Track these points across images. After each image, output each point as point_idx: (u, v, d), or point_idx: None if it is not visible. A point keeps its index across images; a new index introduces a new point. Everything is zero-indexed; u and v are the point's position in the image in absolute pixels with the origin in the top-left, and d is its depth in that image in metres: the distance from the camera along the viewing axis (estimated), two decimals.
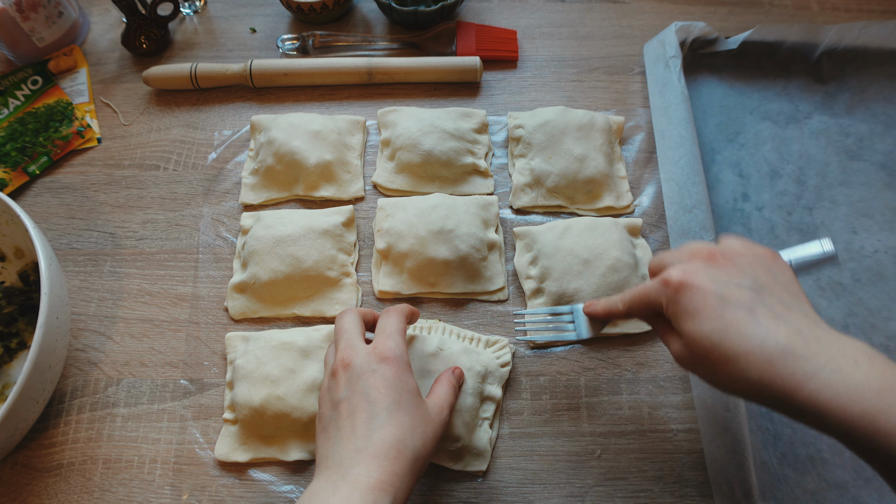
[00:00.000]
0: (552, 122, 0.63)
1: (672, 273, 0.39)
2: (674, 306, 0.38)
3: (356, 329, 0.45)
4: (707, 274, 0.38)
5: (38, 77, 0.72)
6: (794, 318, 0.35)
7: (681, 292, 0.38)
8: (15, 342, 0.57)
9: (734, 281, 0.37)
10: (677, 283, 0.38)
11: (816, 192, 0.63)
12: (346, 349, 0.43)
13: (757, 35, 0.67)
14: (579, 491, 0.50)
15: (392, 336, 0.44)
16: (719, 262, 0.39)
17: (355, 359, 0.42)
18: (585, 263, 0.55)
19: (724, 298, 0.36)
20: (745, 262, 0.39)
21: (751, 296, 0.36)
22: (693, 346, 0.37)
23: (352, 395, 0.41)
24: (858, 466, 0.51)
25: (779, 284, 0.38)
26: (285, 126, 0.64)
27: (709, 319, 0.36)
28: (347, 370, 0.42)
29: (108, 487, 0.51)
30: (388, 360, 0.42)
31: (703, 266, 0.39)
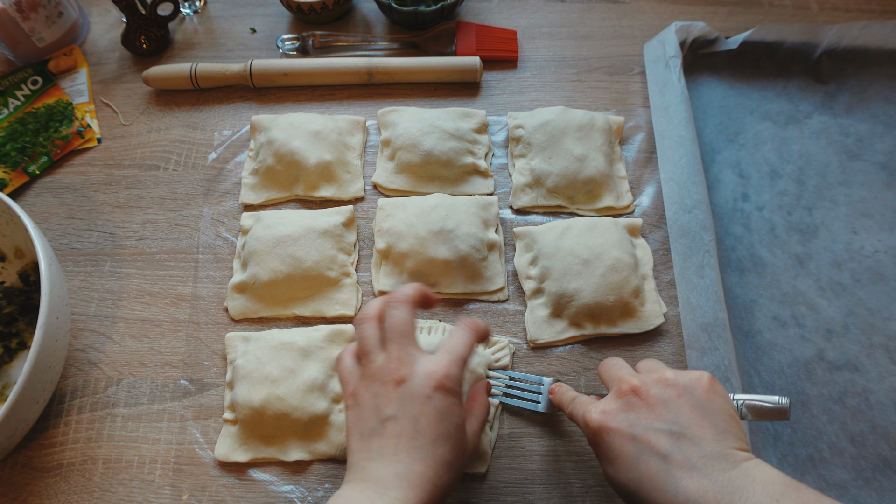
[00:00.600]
0: (552, 122, 0.63)
1: (592, 415, 0.40)
2: (594, 447, 0.40)
3: (411, 331, 0.42)
4: (625, 416, 0.39)
5: (38, 77, 0.72)
6: (709, 466, 0.35)
7: (598, 436, 0.39)
8: (15, 342, 0.57)
9: (653, 425, 0.37)
10: (595, 427, 0.39)
11: (816, 192, 0.63)
12: (401, 360, 0.40)
13: (757, 35, 0.67)
14: (579, 491, 0.50)
15: (456, 363, 0.41)
16: (642, 398, 0.39)
17: (413, 378, 0.40)
18: (585, 263, 0.55)
19: (639, 445, 0.37)
20: (671, 396, 0.38)
21: (668, 442, 0.36)
22: (614, 487, 0.39)
23: (401, 417, 0.39)
24: (858, 466, 0.51)
25: (705, 421, 0.37)
26: (285, 126, 0.64)
27: (624, 468, 0.37)
28: (401, 386, 0.40)
29: (108, 487, 0.51)
30: (444, 391, 0.40)
31: (623, 406, 0.39)
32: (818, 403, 0.53)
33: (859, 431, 0.52)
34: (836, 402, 0.53)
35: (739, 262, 0.60)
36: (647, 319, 0.56)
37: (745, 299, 0.58)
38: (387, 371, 0.40)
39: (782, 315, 0.57)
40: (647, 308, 0.56)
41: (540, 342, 0.55)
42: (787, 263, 0.60)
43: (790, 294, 0.58)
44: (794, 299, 0.58)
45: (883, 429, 0.52)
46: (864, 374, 0.54)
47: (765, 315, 0.57)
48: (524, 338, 0.56)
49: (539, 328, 0.56)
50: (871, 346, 0.55)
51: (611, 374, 0.43)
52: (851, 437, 0.52)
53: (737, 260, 0.60)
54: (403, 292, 0.44)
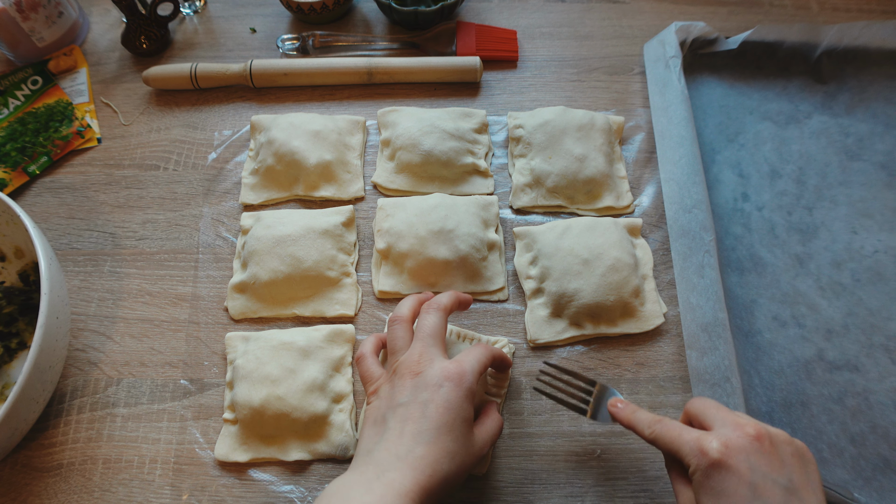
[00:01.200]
0: (552, 122, 0.63)
1: (713, 445, 0.37)
2: (702, 477, 0.37)
3: (440, 335, 0.46)
4: (748, 459, 0.37)
5: (38, 77, 0.72)
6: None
7: (715, 469, 0.36)
8: (15, 342, 0.57)
9: (772, 476, 0.36)
10: (715, 459, 0.37)
11: (816, 192, 0.63)
12: (423, 356, 0.43)
13: (757, 35, 0.67)
14: (579, 491, 0.50)
15: (471, 363, 0.44)
16: (764, 446, 0.37)
17: (428, 370, 0.42)
18: (585, 263, 0.55)
19: (756, 493, 0.35)
20: (787, 454, 0.37)
21: (783, 497, 0.35)
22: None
23: (411, 402, 0.41)
24: (858, 466, 0.51)
25: (810, 488, 0.36)
26: (285, 126, 0.64)
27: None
28: (416, 378, 0.42)
29: (108, 487, 0.51)
30: (455, 382, 0.42)
31: (747, 447, 0.37)
32: (818, 403, 0.53)
33: (859, 431, 0.52)
34: (836, 402, 0.53)
35: (739, 262, 0.60)
36: (648, 319, 0.56)
37: (745, 299, 0.58)
38: (407, 365, 0.43)
39: (782, 315, 0.57)
40: (647, 308, 0.56)
41: (540, 342, 0.55)
42: (787, 263, 0.60)
43: (790, 294, 0.58)
44: (794, 299, 0.58)
45: (883, 429, 0.52)
46: (864, 374, 0.54)
47: (765, 315, 0.57)
48: (524, 338, 0.56)
49: (539, 328, 0.56)
50: (871, 346, 0.55)
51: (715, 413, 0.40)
52: (851, 437, 0.52)
53: (737, 260, 0.60)
54: (440, 301, 0.47)
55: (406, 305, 0.47)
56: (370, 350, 0.48)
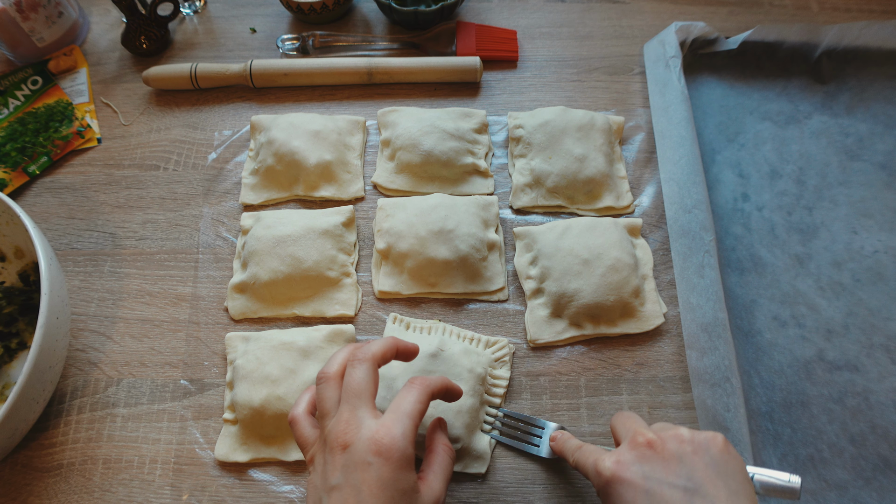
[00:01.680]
0: (552, 123, 0.63)
1: (606, 464, 0.39)
2: (604, 498, 0.39)
3: (367, 392, 0.40)
4: (640, 468, 0.37)
5: (38, 77, 0.72)
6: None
7: (610, 486, 0.38)
8: (15, 342, 0.57)
9: (667, 479, 0.36)
10: (608, 477, 0.38)
11: (816, 192, 0.63)
12: (349, 423, 0.38)
13: (757, 35, 0.67)
14: (579, 491, 0.50)
15: (401, 419, 0.38)
16: (657, 451, 0.38)
17: (356, 442, 0.37)
18: (585, 263, 0.55)
19: (653, 499, 0.36)
20: (686, 452, 0.38)
21: (682, 498, 0.36)
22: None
23: (344, 485, 0.37)
24: (858, 467, 0.51)
25: (719, 480, 0.36)
26: (285, 126, 0.64)
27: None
28: (345, 452, 0.37)
29: (108, 487, 0.51)
30: (384, 456, 0.37)
31: (638, 458, 0.38)
32: (818, 403, 0.53)
33: (859, 431, 0.52)
34: (836, 402, 0.53)
35: (739, 262, 0.60)
36: (647, 319, 0.56)
37: (745, 299, 0.58)
38: (335, 435, 0.38)
39: (782, 315, 0.57)
40: (647, 308, 0.56)
41: (540, 342, 0.55)
42: (787, 263, 0.60)
43: (790, 294, 0.58)
44: (794, 299, 0.58)
45: (883, 429, 0.52)
46: (864, 374, 0.54)
47: (765, 315, 0.57)
48: (524, 338, 0.56)
49: (539, 328, 0.56)
50: (871, 346, 0.55)
51: (625, 426, 0.42)
52: (851, 437, 0.52)
53: (737, 260, 0.60)
54: (368, 349, 0.42)
55: (335, 361, 0.42)
56: (302, 412, 0.43)
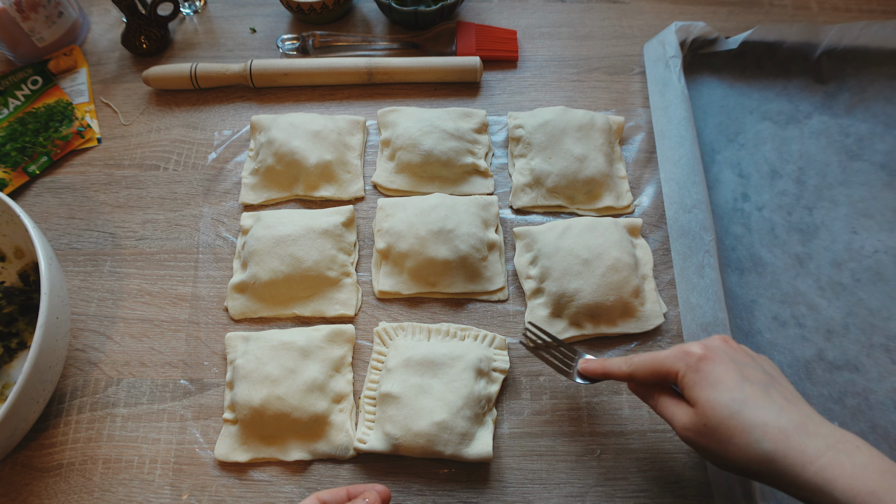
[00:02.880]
0: (552, 122, 0.63)
1: (693, 346, 0.42)
2: (693, 374, 0.40)
3: None
4: (727, 352, 0.41)
5: (38, 77, 0.72)
6: (801, 406, 0.38)
7: (703, 362, 0.40)
8: (15, 342, 0.57)
9: (750, 364, 0.40)
10: (700, 354, 0.41)
11: (816, 192, 0.63)
12: None
13: (757, 35, 0.67)
14: (579, 491, 0.50)
15: None
16: (734, 346, 0.42)
17: None
18: (585, 263, 0.55)
19: (742, 374, 0.39)
20: (755, 355, 0.42)
21: (766, 378, 0.39)
22: (708, 414, 0.38)
23: None
24: None
25: (783, 380, 0.41)
26: (285, 126, 0.64)
27: (729, 390, 0.38)
28: None
29: (108, 487, 0.51)
30: None
31: (723, 345, 0.42)
32: (818, 403, 0.53)
33: (859, 431, 0.52)
34: (836, 402, 0.53)
35: (739, 262, 0.60)
36: (648, 319, 0.55)
37: (745, 299, 0.58)
38: None
39: (782, 315, 0.57)
40: (647, 308, 0.56)
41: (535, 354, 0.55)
42: (787, 263, 0.60)
43: (790, 294, 0.58)
44: (794, 299, 0.58)
45: (883, 429, 0.52)
46: (864, 374, 0.54)
47: (765, 315, 0.57)
48: None
49: None
50: (871, 346, 0.55)
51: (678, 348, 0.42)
52: None
53: (737, 260, 0.60)
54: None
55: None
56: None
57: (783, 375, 0.41)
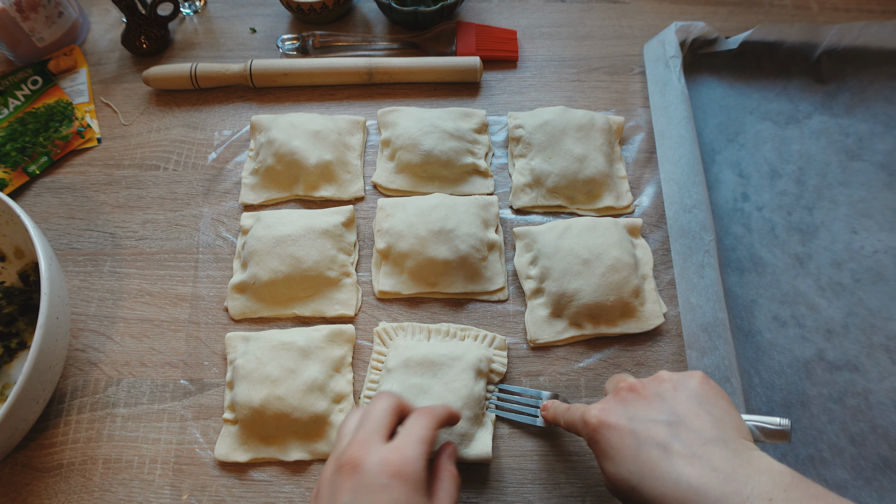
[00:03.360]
0: (552, 122, 0.63)
1: (592, 412, 0.40)
2: (593, 446, 0.40)
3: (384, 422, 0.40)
4: (624, 411, 0.39)
5: (38, 77, 0.72)
6: (710, 454, 0.34)
7: (598, 432, 0.39)
8: (15, 342, 0.57)
9: (651, 416, 0.38)
10: (595, 423, 0.39)
11: (816, 192, 0.63)
12: (361, 444, 0.38)
13: (757, 35, 0.67)
14: (579, 491, 0.50)
15: (414, 444, 0.38)
16: (639, 393, 0.39)
17: (366, 463, 0.37)
18: (585, 263, 0.55)
19: (638, 438, 0.37)
20: (667, 390, 0.39)
21: (667, 432, 0.36)
22: (614, 484, 0.38)
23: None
24: (858, 466, 0.51)
25: (701, 410, 0.37)
26: (285, 126, 0.64)
27: (625, 461, 0.37)
28: (355, 473, 0.37)
29: (108, 487, 0.51)
30: (400, 477, 0.36)
31: (620, 403, 0.40)
32: (818, 403, 0.53)
33: (859, 431, 0.52)
34: (836, 402, 0.53)
35: (739, 262, 0.60)
36: (647, 319, 0.56)
37: (745, 299, 0.58)
38: (346, 457, 0.38)
39: (782, 315, 0.57)
40: (647, 308, 0.56)
41: (540, 342, 0.55)
42: (787, 263, 0.60)
43: (790, 294, 0.58)
44: (794, 299, 0.58)
45: (883, 429, 0.52)
46: (864, 374, 0.54)
47: (765, 315, 0.57)
48: (524, 338, 0.56)
49: (539, 328, 0.56)
50: (871, 346, 0.55)
51: (611, 382, 0.44)
52: (851, 437, 0.52)
53: (737, 260, 0.60)
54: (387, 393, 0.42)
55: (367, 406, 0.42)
56: None
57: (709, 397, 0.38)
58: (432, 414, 0.41)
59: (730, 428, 0.36)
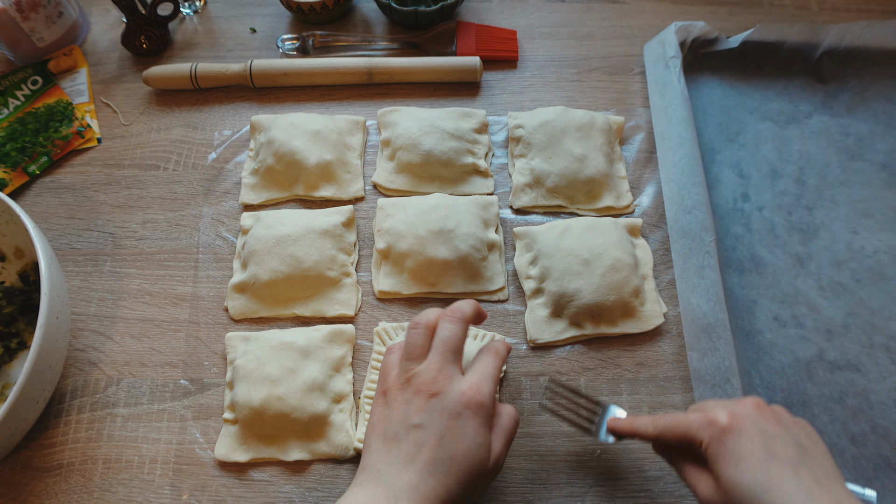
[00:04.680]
0: (552, 122, 0.63)
1: (720, 414, 0.38)
2: (717, 447, 0.37)
3: (459, 349, 0.43)
4: (755, 423, 0.38)
5: (38, 77, 0.72)
6: (835, 487, 0.35)
7: (728, 435, 0.37)
8: (15, 342, 0.57)
9: (781, 436, 0.37)
10: (725, 424, 0.38)
11: (817, 192, 0.63)
12: (441, 373, 0.41)
13: (757, 35, 0.67)
14: (579, 491, 0.50)
15: (488, 381, 0.42)
16: (766, 414, 0.39)
17: (447, 392, 0.40)
18: (585, 263, 0.55)
19: (770, 451, 0.36)
20: (789, 422, 0.39)
21: (796, 455, 0.36)
22: (730, 493, 0.36)
23: (428, 427, 0.39)
24: (859, 466, 0.51)
25: (819, 451, 0.37)
26: (285, 126, 0.64)
27: (753, 470, 0.35)
28: (434, 398, 0.40)
29: (108, 487, 0.51)
30: (475, 409, 0.40)
31: (752, 413, 0.38)
32: (819, 403, 0.53)
33: (860, 431, 0.52)
34: (837, 402, 0.53)
35: (740, 262, 0.60)
36: (648, 319, 0.55)
37: (745, 299, 0.58)
38: (423, 380, 0.41)
39: (783, 315, 0.57)
40: (648, 308, 0.56)
41: (540, 342, 0.55)
42: (788, 263, 0.60)
43: (791, 294, 0.58)
44: (795, 299, 0.58)
45: (884, 429, 0.52)
46: (865, 374, 0.54)
47: (765, 315, 0.57)
48: (524, 338, 0.56)
49: (539, 328, 0.55)
50: (871, 346, 0.55)
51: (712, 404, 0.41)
52: (852, 436, 0.52)
53: (737, 260, 0.60)
54: (462, 309, 0.44)
55: (428, 314, 0.44)
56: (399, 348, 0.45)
57: (821, 444, 0.38)
58: (499, 355, 0.45)
59: (841, 479, 0.36)
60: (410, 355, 0.43)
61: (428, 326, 0.44)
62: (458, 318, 0.44)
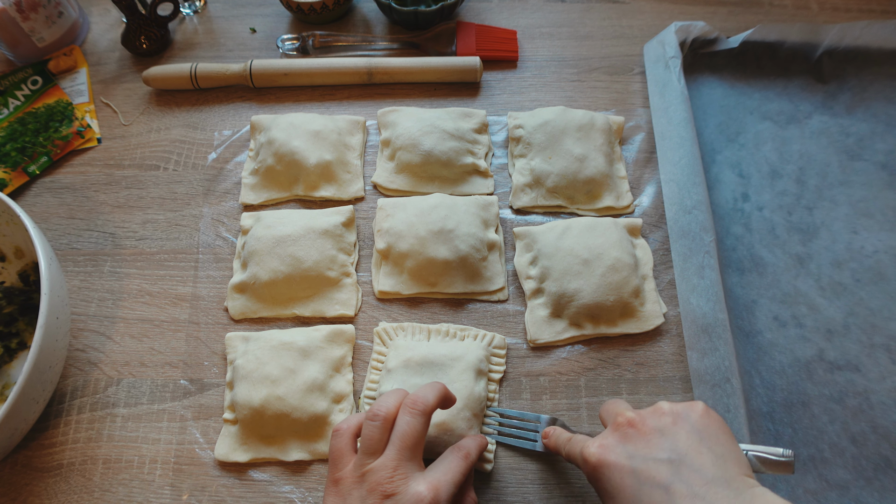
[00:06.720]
0: (552, 122, 0.63)
1: (591, 450, 0.39)
2: (594, 484, 0.39)
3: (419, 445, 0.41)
4: (623, 449, 0.38)
5: (38, 77, 0.72)
6: (712, 495, 0.34)
7: (598, 472, 0.38)
8: (15, 342, 0.57)
9: (651, 454, 0.37)
10: (594, 463, 0.38)
11: (817, 192, 0.63)
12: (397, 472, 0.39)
13: (758, 35, 0.67)
14: (579, 491, 0.50)
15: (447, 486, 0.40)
16: (639, 429, 0.38)
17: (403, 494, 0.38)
18: (585, 263, 0.55)
19: (640, 478, 0.36)
20: (667, 424, 0.38)
21: (668, 472, 0.36)
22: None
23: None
24: (859, 466, 0.51)
25: (702, 446, 0.36)
26: (285, 126, 0.64)
27: (626, 502, 0.36)
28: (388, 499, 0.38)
29: (108, 487, 0.51)
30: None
31: (620, 439, 0.39)
32: (819, 403, 0.53)
33: (860, 431, 0.52)
34: (837, 402, 0.53)
35: (740, 262, 0.60)
36: (647, 319, 0.55)
37: (745, 299, 0.58)
38: (378, 479, 0.39)
39: (783, 315, 0.57)
40: (647, 308, 0.56)
41: (540, 342, 0.55)
42: (788, 263, 0.60)
43: (791, 294, 0.58)
44: (795, 299, 0.58)
45: (884, 428, 0.52)
46: (865, 373, 0.54)
47: (765, 315, 0.57)
48: (524, 338, 0.56)
49: (539, 328, 0.55)
50: (871, 346, 0.55)
51: (608, 411, 0.43)
52: (852, 436, 0.52)
53: (737, 260, 0.60)
54: (425, 399, 0.42)
55: (388, 403, 0.42)
56: (349, 428, 0.43)
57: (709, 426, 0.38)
58: (468, 460, 0.43)
59: (732, 465, 0.36)
60: (367, 450, 0.41)
61: (387, 419, 0.41)
62: (418, 410, 0.41)
